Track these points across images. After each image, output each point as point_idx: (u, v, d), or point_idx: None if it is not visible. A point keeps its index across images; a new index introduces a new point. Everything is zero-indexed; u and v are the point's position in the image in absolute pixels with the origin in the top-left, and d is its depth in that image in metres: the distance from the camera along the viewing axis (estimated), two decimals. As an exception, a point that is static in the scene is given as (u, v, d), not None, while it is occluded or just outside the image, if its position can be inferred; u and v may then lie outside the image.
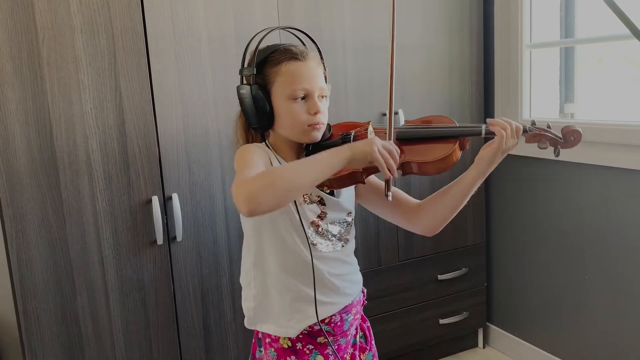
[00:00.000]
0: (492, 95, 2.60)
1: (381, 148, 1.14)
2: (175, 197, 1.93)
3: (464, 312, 2.67)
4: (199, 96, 1.95)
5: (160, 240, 1.91)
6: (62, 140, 1.76)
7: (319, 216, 1.31)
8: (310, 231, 1.30)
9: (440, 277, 2.57)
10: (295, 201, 1.26)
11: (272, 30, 1.33)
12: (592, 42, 2.41)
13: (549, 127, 1.25)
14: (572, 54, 2.49)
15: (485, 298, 2.74)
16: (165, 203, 1.93)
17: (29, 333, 1.78)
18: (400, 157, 1.23)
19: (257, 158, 1.23)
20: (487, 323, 2.81)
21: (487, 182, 2.65)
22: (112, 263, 1.88)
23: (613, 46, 2.40)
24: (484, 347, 2.82)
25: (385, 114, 2.33)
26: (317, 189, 1.30)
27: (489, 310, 2.79)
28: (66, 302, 1.83)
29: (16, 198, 1.72)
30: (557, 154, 1.24)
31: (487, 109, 2.61)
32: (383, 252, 2.43)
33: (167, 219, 1.93)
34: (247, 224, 1.33)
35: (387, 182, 1.20)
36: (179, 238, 1.95)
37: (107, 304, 1.89)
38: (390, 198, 1.19)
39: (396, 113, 2.34)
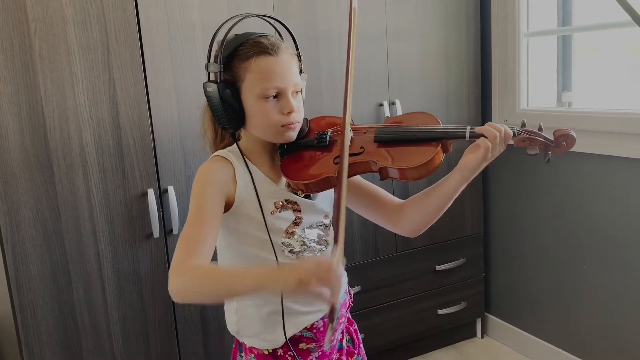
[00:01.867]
0: (489, 84, 2.58)
1: (313, 284, 0.92)
2: (171, 190, 1.92)
3: (462, 303, 2.67)
4: (193, 87, 1.93)
5: (156, 233, 1.90)
6: (55, 133, 1.74)
7: (294, 222, 1.23)
8: (285, 240, 1.23)
9: (438, 267, 2.57)
10: (262, 212, 1.19)
11: (240, 19, 1.20)
12: (589, 29, 2.40)
13: (540, 129, 1.15)
14: (569, 42, 2.48)
15: (483, 288, 2.74)
16: (161, 195, 1.92)
17: (25, 327, 1.78)
18: (377, 161, 1.16)
19: (214, 194, 1.15)
20: (486, 313, 2.81)
21: (484, 172, 2.65)
22: (108, 256, 1.87)
23: (610, 34, 2.39)
24: (482, 337, 2.82)
25: (382, 104, 2.31)
26: (291, 194, 1.24)
27: (487, 300, 2.80)
28: (62, 296, 1.82)
29: (10, 192, 1.70)
30: (548, 161, 1.14)
31: (484, 98, 2.60)
32: (380, 244, 2.42)
33: (163, 212, 1.92)
34: (219, 240, 1.25)
35: (330, 312, 0.97)
36: (176, 231, 1.93)
37: (104, 298, 1.88)
38: (326, 348, 1.12)
39: (393, 103, 2.33)
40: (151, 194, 1.88)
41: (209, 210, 1.14)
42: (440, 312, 2.61)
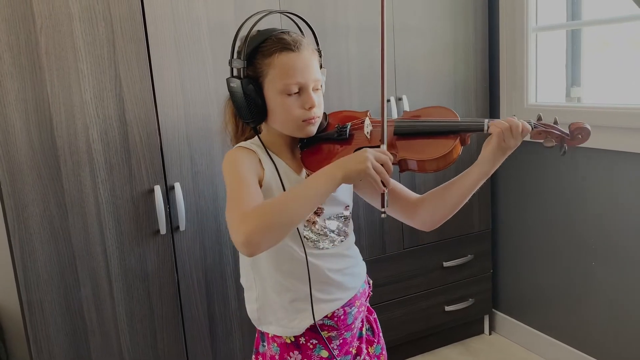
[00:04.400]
0: (498, 79, 2.56)
1: (375, 162, 1.07)
2: (177, 187, 1.91)
3: (470, 299, 2.65)
4: (199, 83, 1.92)
5: (163, 230, 1.90)
6: (62, 130, 1.74)
7: (315, 212, 1.26)
8: (306, 230, 1.25)
9: (445, 264, 2.56)
10: None
11: (264, 15, 1.23)
12: (598, 24, 2.37)
13: (555, 122, 1.18)
14: (578, 36, 2.45)
15: (491, 285, 2.73)
16: (168, 192, 1.92)
17: (33, 324, 1.78)
18: (397, 153, 1.18)
19: (247, 170, 1.17)
20: (493, 310, 2.80)
21: (492, 168, 2.63)
22: (116, 253, 1.87)
23: (620, 29, 2.36)
24: (490, 333, 2.81)
25: (389, 100, 2.30)
26: None
27: (494, 297, 2.78)
28: (70, 292, 1.82)
29: (17, 189, 1.70)
30: (564, 153, 1.16)
31: (493, 93, 2.58)
32: (388, 240, 2.41)
33: (169, 209, 1.92)
34: None
35: (382, 195, 1.11)
36: (182, 228, 1.93)
37: (111, 295, 1.88)
38: (384, 215, 1.13)
39: (400, 99, 2.32)
40: (158, 190, 1.88)
41: (249, 178, 1.16)
42: (447, 308, 2.60)
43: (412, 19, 2.31)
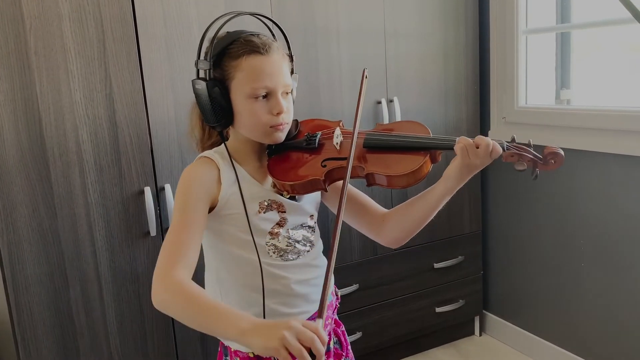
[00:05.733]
0: (488, 82, 2.57)
1: (292, 342, 0.88)
2: (168, 188, 1.90)
3: (461, 300, 2.66)
4: (190, 84, 1.91)
5: (153, 231, 1.89)
6: (51, 130, 1.73)
7: (277, 223, 1.22)
8: (271, 240, 1.22)
9: (436, 265, 2.56)
10: (246, 213, 1.18)
11: (232, 17, 1.20)
12: (588, 27, 2.39)
13: (529, 145, 1.14)
14: (568, 39, 2.47)
15: (481, 286, 2.74)
16: (158, 194, 1.91)
17: (21, 327, 1.76)
18: (365, 167, 1.16)
19: (196, 200, 1.13)
20: (484, 311, 2.81)
21: (483, 170, 2.63)
22: (105, 255, 1.85)
23: (609, 31, 2.38)
24: (480, 334, 2.82)
25: (380, 102, 2.30)
26: (276, 194, 1.22)
27: (485, 298, 2.79)
28: (59, 294, 1.81)
29: (5, 190, 1.69)
30: (535, 177, 1.13)
31: (483, 96, 2.59)
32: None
33: (160, 210, 1.91)
34: (204, 240, 1.24)
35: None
36: (173, 229, 1.92)
37: (101, 296, 1.87)
38: None
39: (391, 101, 2.32)
40: (148, 192, 1.87)
41: (193, 216, 1.13)
42: (438, 310, 2.60)
43: (403, 22, 2.32)
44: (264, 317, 1.21)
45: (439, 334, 2.71)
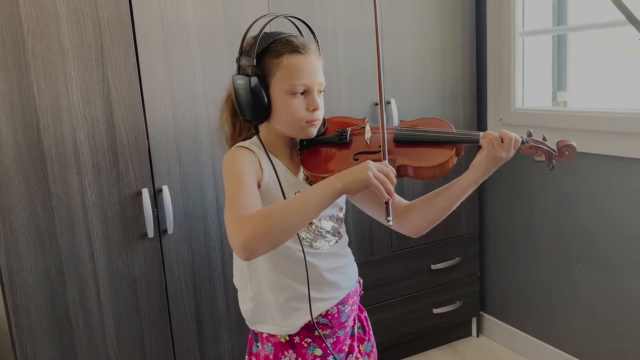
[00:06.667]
0: (485, 84, 2.58)
1: (377, 172, 1.09)
2: (165, 190, 1.91)
3: (458, 302, 2.67)
4: (188, 86, 1.92)
5: (151, 233, 1.89)
6: (49, 132, 1.73)
7: None
8: (303, 230, 1.28)
9: (433, 266, 2.57)
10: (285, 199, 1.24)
11: (274, 17, 1.28)
12: (584, 29, 2.40)
13: (544, 139, 1.24)
14: (564, 41, 2.48)
15: (478, 287, 2.75)
16: (156, 195, 1.91)
17: (19, 329, 1.76)
18: (396, 159, 1.21)
19: (246, 171, 1.18)
20: (481, 312, 2.81)
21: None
22: (103, 257, 1.85)
23: (605, 33, 2.39)
24: (477, 335, 2.82)
25: (377, 104, 2.31)
26: (309, 186, 1.28)
27: (482, 299, 2.80)
28: (56, 296, 1.80)
29: (3, 192, 1.69)
30: (552, 168, 1.23)
31: (480, 97, 2.60)
32: (376, 243, 2.42)
33: (157, 212, 1.91)
34: None
35: (386, 204, 1.13)
36: (170, 231, 1.92)
37: (98, 298, 1.87)
38: (391, 222, 1.14)
39: (388, 102, 2.33)
40: (145, 193, 1.87)
41: (248, 179, 1.17)
42: (435, 311, 2.61)
43: (400, 24, 2.32)
44: (309, 294, 1.27)
45: (436, 335, 2.71)
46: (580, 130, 2.18)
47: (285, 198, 1.23)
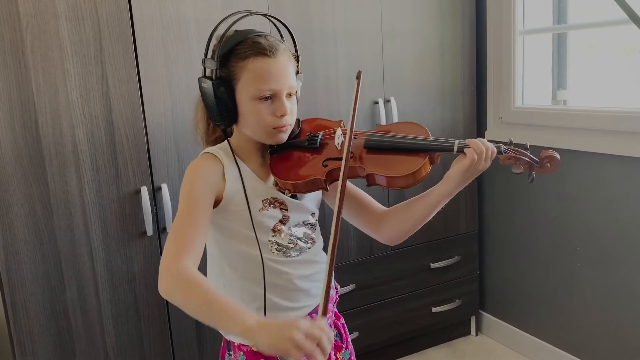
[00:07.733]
0: (485, 82, 2.58)
1: (302, 342, 0.90)
2: (164, 188, 1.90)
3: (457, 300, 2.67)
4: (187, 83, 1.91)
5: (150, 231, 1.88)
6: (48, 130, 1.73)
7: (280, 221, 1.24)
8: (274, 237, 1.24)
9: (432, 265, 2.57)
10: (249, 209, 1.20)
11: (242, 17, 1.20)
12: (584, 28, 2.40)
13: (526, 148, 1.17)
14: (564, 40, 2.48)
15: (477, 286, 2.74)
16: (155, 193, 1.90)
17: (17, 326, 1.76)
18: (365, 167, 1.17)
19: (202, 193, 1.14)
20: (480, 311, 2.81)
21: (479, 170, 2.64)
22: (102, 255, 1.85)
23: (605, 32, 2.39)
24: (476, 334, 2.82)
25: (377, 102, 2.30)
26: (278, 192, 1.24)
27: (481, 298, 2.80)
28: (55, 294, 1.80)
29: (1, 189, 1.68)
30: (532, 180, 1.16)
31: (480, 96, 2.59)
32: (375, 241, 2.37)
33: (156, 210, 1.91)
34: (208, 235, 1.25)
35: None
36: (169, 229, 1.92)
37: (97, 296, 1.86)
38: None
39: (388, 101, 2.32)
40: (144, 191, 1.87)
41: (199, 207, 1.14)
42: (434, 309, 2.61)
43: (400, 22, 2.32)
44: (265, 311, 1.23)
45: (436, 334, 2.71)
46: (580, 129, 2.17)
47: (249, 207, 1.19)
